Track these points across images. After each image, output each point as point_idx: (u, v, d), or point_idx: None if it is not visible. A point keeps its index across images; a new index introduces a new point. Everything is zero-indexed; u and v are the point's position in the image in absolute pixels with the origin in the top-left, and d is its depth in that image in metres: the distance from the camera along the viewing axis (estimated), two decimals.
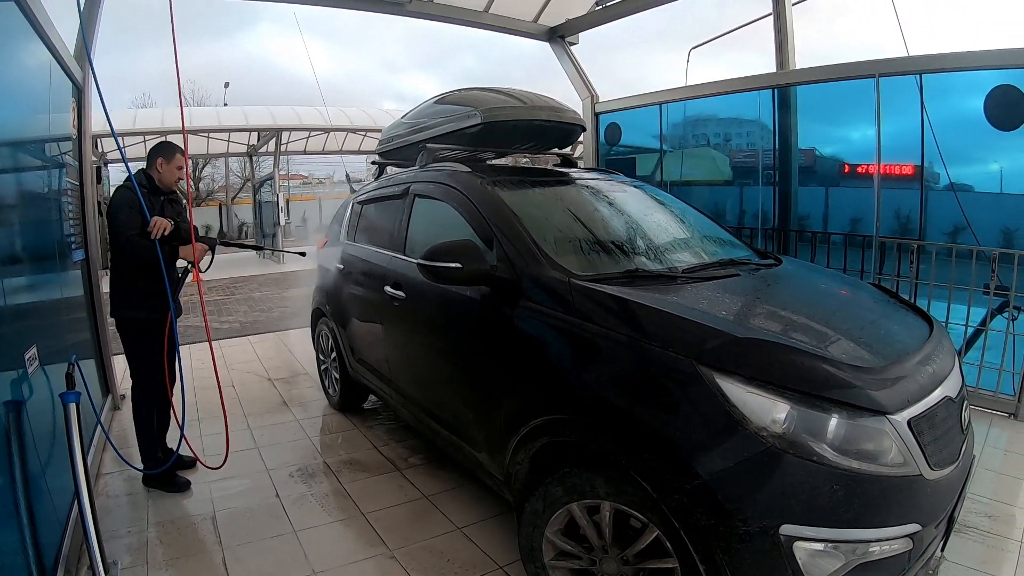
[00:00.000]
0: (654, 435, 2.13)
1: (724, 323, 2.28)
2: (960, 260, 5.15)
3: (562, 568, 2.47)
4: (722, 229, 3.83)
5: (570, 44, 7.99)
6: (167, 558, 2.98)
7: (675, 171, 7.61)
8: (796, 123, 6.40)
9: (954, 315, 5.24)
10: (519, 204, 3.08)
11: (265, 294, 11.73)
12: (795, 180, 6.53)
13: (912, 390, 2.15)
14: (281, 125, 17.30)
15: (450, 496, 3.62)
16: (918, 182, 5.44)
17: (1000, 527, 3.34)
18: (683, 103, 7.28)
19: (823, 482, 1.93)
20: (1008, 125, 4.83)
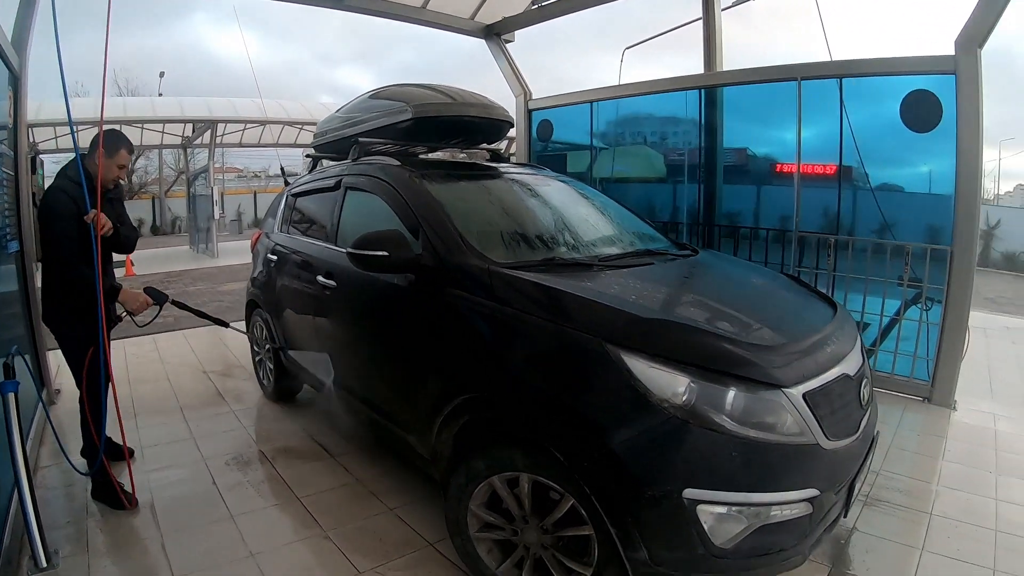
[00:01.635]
0: (566, 409, 2.31)
1: (631, 306, 2.47)
2: (880, 255, 5.48)
3: (486, 539, 2.64)
4: (643, 222, 4.07)
5: (506, 42, 8.16)
6: (107, 546, 3.04)
7: (609, 168, 7.83)
8: (723, 123, 6.67)
9: (874, 306, 5.56)
10: (445, 196, 3.25)
11: (200, 288, 11.61)
12: (720, 178, 6.79)
13: (809, 367, 2.37)
14: (217, 117, 16.99)
15: (383, 480, 3.74)
16: (836, 181, 5.74)
17: (912, 501, 3.62)
18: (615, 101, 7.51)
19: (722, 450, 2.14)
20: (923, 128, 5.16)
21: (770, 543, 2.22)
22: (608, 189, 7.19)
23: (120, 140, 3.41)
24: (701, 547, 2.13)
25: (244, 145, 22.73)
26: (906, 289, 5.38)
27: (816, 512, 2.26)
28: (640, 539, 2.16)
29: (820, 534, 2.41)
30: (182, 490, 3.60)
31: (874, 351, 5.59)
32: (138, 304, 3.44)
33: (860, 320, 5.55)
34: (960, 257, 4.99)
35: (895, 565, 3.03)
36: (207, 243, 17.89)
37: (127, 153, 3.44)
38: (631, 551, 2.18)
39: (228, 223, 26.41)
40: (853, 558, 3.07)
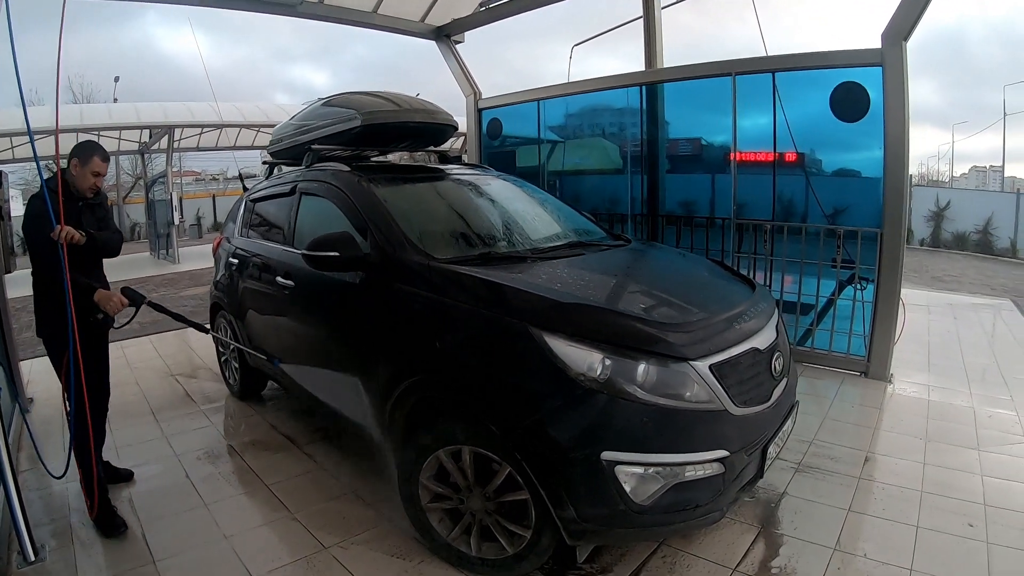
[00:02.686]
0: (499, 386, 2.58)
1: (553, 292, 2.74)
2: (814, 238, 5.78)
3: (437, 509, 2.88)
4: (580, 216, 4.34)
5: (456, 43, 8.35)
6: (91, 538, 3.20)
7: (558, 162, 8.05)
8: (664, 117, 6.94)
9: (812, 287, 5.86)
10: (390, 198, 3.48)
11: (162, 294, 11.60)
12: (662, 169, 7.05)
13: (716, 341, 2.65)
14: (174, 122, 16.83)
15: (344, 465, 3.96)
16: (772, 169, 6.02)
17: (842, 467, 3.89)
18: (562, 99, 7.73)
19: (635, 416, 2.41)
20: (851, 117, 5.45)
21: (686, 500, 2.49)
22: (557, 183, 7.44)
23: (93, 148, 3.43)
24: (622, 504, 2.39)
25: (202, 149, 22.54)
26: (839, 270, 5.68)
27: (728, 472, 2.53)
28: (568, 499, 2.43)
29: (735, 492, 2.70)
30: (157, 483, 3.78)
31: (812, 330, 5.88)
32: (113, 305, 3.36)
33: (798, 301, 5.85)
34: (889, 238, 5.28)
35: (822, 524, 3.26)
36: (167, 249, 17.77)
37: (101, 160, 3.43)
38: (561, 510, 2.45)
39: (187, 228, 26.21)
40: (782, 519, 3.33)
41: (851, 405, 5.00)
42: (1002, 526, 3.24)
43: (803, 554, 3.02)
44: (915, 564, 2.93)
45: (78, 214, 3.36)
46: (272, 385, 5.10)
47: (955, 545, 3.09)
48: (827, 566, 2.92)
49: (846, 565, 2.93)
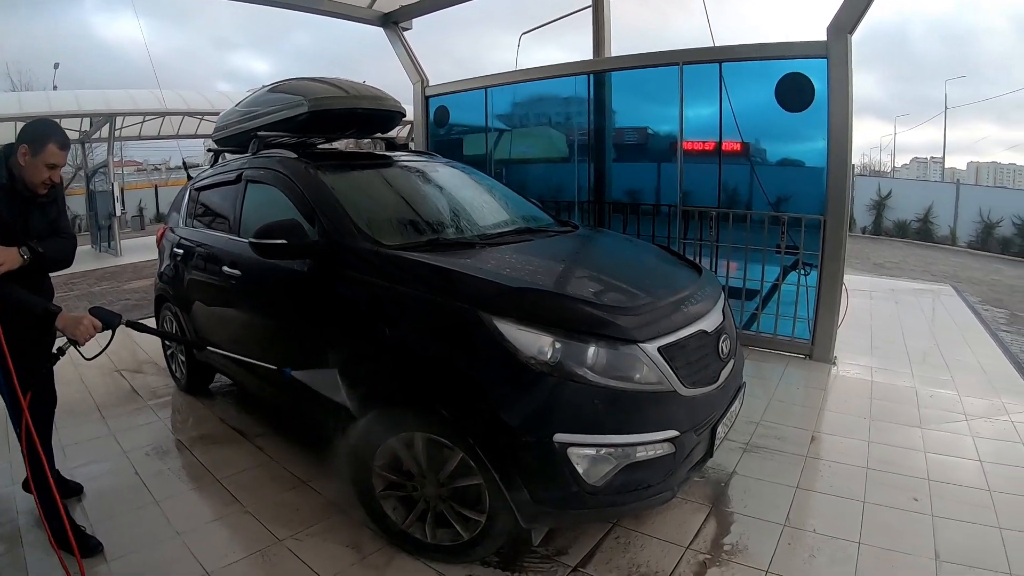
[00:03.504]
0: (449, 371, 2.59)
1: (502, 277, 2.76)
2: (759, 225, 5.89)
3: (391, 497, 2.86)
4: (528, 203, 4.36)
5: (403, 29, 8.30)
6: (39, 540, 3.07)
7: (506, 150, 8.06)
8: (611, 105, 7.00)
9: (758, 273, 5.99)
10: (338, 185, 3.45)
11: (104, 288, 11.32)
12: (609, 157, 7.12)
13: (664, 324, 2.69)
14: (115, 110, 16.35)
15: (296, 456, 3.91)
16: (716, 157, 6.13)
17: (789, 446, 3.99)
18: (510, 87, 7.73)
19: (586, 398, 2.43)
20: (796, 108, 5.57)
21: (638, 480, 2.52)
22: (504, 171, 7.45)
23: (49, 132, 2.78)
24: (575, 485, 2.41)
25: (144, 138, 21.96)
26: (784, 256, 5.81)
27: (679, 452, 2.58)
28: (521, 482, 2.44)
29: (686, 472, 2.74)
30: (107, 482, 3.67)
31: (757, 315, 6.01)
32: (83, 330, 2.72)
33: (743, 287, 5.97)
34: (832, 226, 5.42)
35: (771, 501, 3.34)
36: (109, 241, 17.24)
37: (58, 148, 2.78)
38: (514, 493, 2.45)
39: (129, 219, 25.49)
40: (732, 498, 3.40)
41: (796, 387, 5.13)
42: (946, 500, 3.35)
43: (754, 531, 3.09)
44: (863, 538, 3.02)
45: (24, 214, 2.79)
46: (220, 378, 5.01)
47: (901, 519, 3.19)
48: (778, 542, 2.99)
49: (796, 541, 3.01)
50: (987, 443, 4.08)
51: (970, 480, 3.59)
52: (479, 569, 2.79)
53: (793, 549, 2.95)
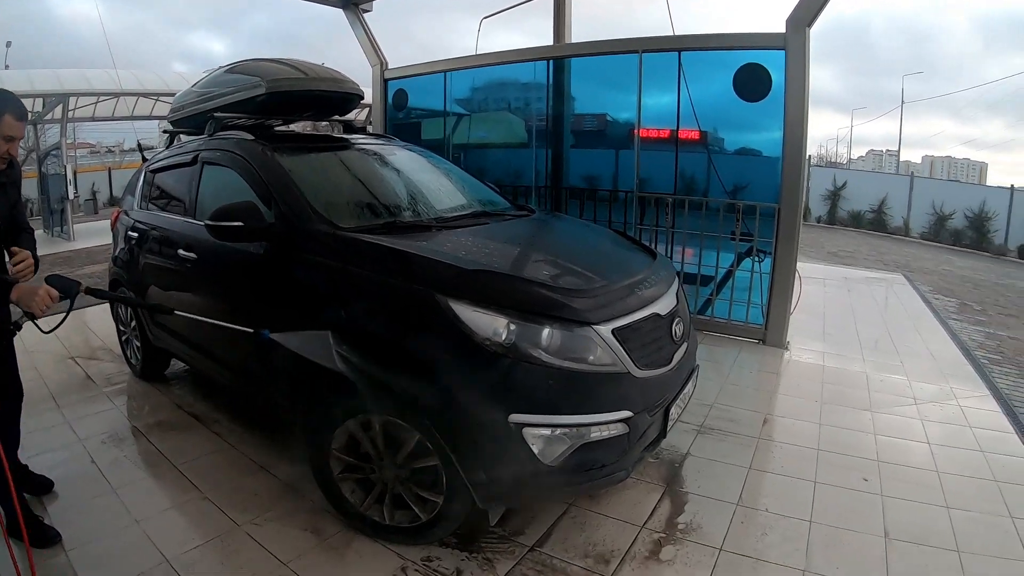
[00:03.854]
0: (405, 353, 2.59)
1: (458, 260, 2.78)
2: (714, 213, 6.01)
3: (349, 480, 2.88)
4: (485, 187, 4.39)
5: (364, 11, 8.26)
6: None
7: (468, 134, 8.07)
8: (570, 91, 7.03)
9: (713, 260, 6.10)
10: (295, 167, 3.43)
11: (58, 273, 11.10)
12: (567, 143, 7.16)
13: (618, 307, 2.73)
14: (69, 90, 15.94)
15: (253, 441, 3.90)
16: (673, 145, 6.21)
17: (743, 428, 4.10)
18: (469, 71, 7.73)
19: (541, 379, 2.47)
20: (753, 97, 5.66)
21: (593, 459, 2.57)
22: (462, 155, 7.46)
23: (4, 103, 2.53)
24: (531, 465, 2.45)
25: (98, 119, 21.39)
26: (738, 243, 5.92)
27: (632, 432, 2.63)
28: (477, 462, 2.48)
29: (640, 452, 2.81)
30: (63, 471, 3.59)
31: (712, 300, 6.13)
32: (39, 301, 2.51)
33: (698, 272, 6.08)
34: (786, 214, 5.54)
35: (724, 482, 3.44)
36: (62, 225, 16.89)
37: (14, 119, 2.58)
38: (471, 474, 2.49)
39: (82, 203, 24.87)
40: (686, 478, 3.49)
41: (750, 371, 5.24)
42: (894, 480, 3.47)
43: (707, 510, 3.17)
44: (814, 516, 3.12)
45: None
46: (176, 364, 4.96)
47: (851, 498, 3.31)
48: (731, 521, 3.08)
49: (749, 519, 3.10)
50: (935, 426, 4.22)
51: (919, 462, 3.71)
52: (437, 550, 2.82)
53: (746, 527, 3.04)
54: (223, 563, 2.76)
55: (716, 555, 2.83)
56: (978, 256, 17.48)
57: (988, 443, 3.98)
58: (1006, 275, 13.56)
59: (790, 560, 2.80)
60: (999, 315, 8.74)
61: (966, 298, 9.82)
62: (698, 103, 5.99)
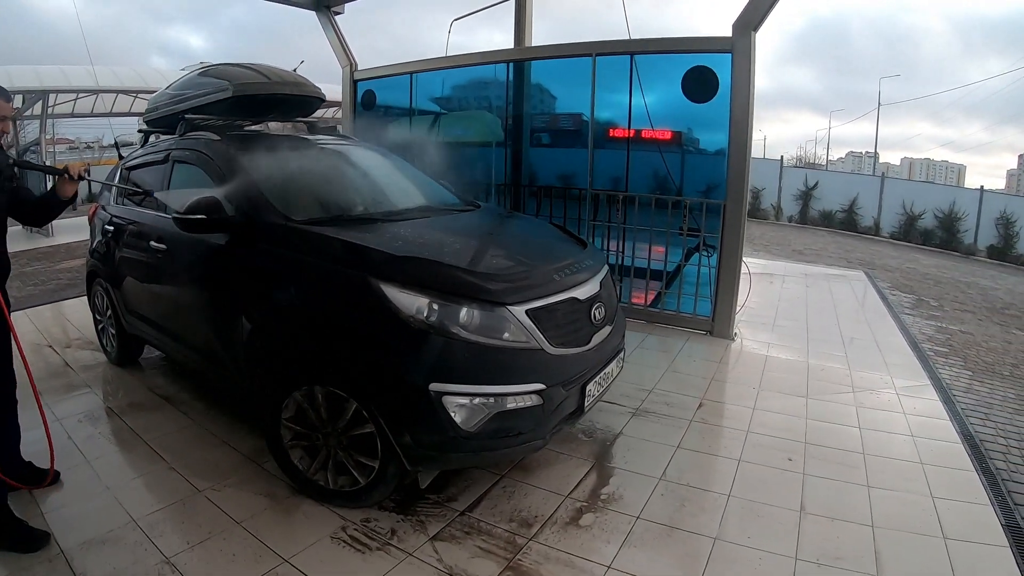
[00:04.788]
0: (343, 330, 2.94)
1: (390, 247, 3.10)
2: (664, 209, 6.28)
3: (297, 447, 3.19)
4: (437, 184, 4.71)
5: (335, 14, 8.52)
6: None
7: (431, 133, 8.32)
8: (529, 93, 7.34)
9: (663, 255, 6.35)
10: (255, 165, 3.73)
11: (37, 268, 11.19)
12: (527, 142, 7.45)
13: (534, 291, 3.06)
14: (48, 86, 16.02)
15: (217, 419, 4.18)
16: (626, 144, 6.50)
17: (677, 411, 4.36)
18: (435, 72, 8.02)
19: (459, 352, 2.80)
20: (701, 99, 5.96)
21: (509, 427, 2.90)
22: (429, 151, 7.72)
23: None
24: (451, 431, 2.77)
25: (77, 115, 21.41)
26: (686, 238, 6.21)
27: (547, 403, 2.95)
28: (404, 427, 2.80)
29: (557, 423, 3.12)
30: (40, 447, 3.82)
31: (662, 294, 6.43)
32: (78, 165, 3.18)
33: (648, 266, 6.38)
34: (732, 210, 5.83)
35: (651, 459, 3.71)
36: None
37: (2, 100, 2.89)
38: (399, 438, 2.81)
39: None
40: (615, 455, 3.76)
41: (693, 359, 5.50)
42: (819, 460, 3.72)
43: (630, 483, 3.44)
44: (733, 491, 3.38)
45: None
46: (149, 351, 5.20)
47: (773, 476, 3.55)
48: (651, 493, 3.35)
49: (669, 492, 3.36)
50: (868, 412, 4.45)
51: (846, 444, 3.94)
52: (376, 512, 3.11)
53: (665, 499, 3.30)
54: (184, 523, 3.04)
55: (632, 523, 3.09)
56: (946, 255, 17.77)
57: (920, 429, 4.20)
58: (970, 273, 13.79)
59: (703, 529, 3.05)
60: (955, 311, 8.95)
61: (924, 294, 10.03)
62: (651, 104, 6.28)
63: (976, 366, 6.01)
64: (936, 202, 19.91)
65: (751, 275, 7.01)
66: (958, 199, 19.83)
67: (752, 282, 7.25)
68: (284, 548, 2.84)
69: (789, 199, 23.13)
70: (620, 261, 6.62)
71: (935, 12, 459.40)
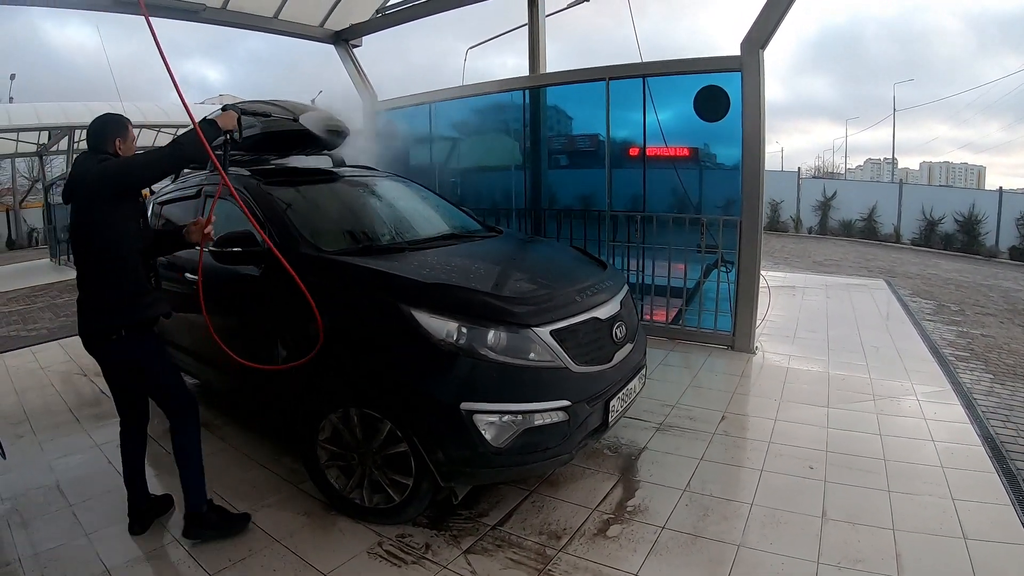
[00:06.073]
0: (376, 354, 3.08)
1: (419, 275, 3.26)
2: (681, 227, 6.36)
3: (333, 467, 3.33)
4: (459, 211, 4.88)
5: (354, 47, 8.74)
6: (24, 520, 3.46)
7: (454, 159, 8.50)
8: (545, 118, 7.49)
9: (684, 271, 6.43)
10: (286, 199, 3.89)
11: (67, 300, 11.45)
12: (544, 165, 7.59)
13: (558, 312, 3.21)
14: (74, 122, 16.49)
15: (254, 443, 4.35)
16: (641, 163, 6.62)
17: (700, 425, 4.43)
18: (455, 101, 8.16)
19: (488, 372, 2.95)
20: (712, 117, 6.08)
21: (537, 443, 3.03)
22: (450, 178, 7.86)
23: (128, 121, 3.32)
24: (482, 447, 2.91)
25: None
26: (704, 255, 6.31)
27: (572, 419, 3.08)
28: (436, 444, 2.94)
29: (582, 438, 3.24)
30: (83, 471, 4.05)
31: (682, 311, 6.51)
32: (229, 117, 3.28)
33: (668, 284, 6.46)
34: (747, 225, 5.91)
35: (675, 471, 3.79)
36: (69, 254, 17.27)
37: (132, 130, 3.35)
38: (432, 455, 2.95)
39: None
40: (640, 469, 3.86)
41: (715, 374, 5.56)
42: (840, 467, 3.77)
43: (656, 495, 3.53)
44: (756, 500, 3.45)
45: None
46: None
47: (794, 484, 3.61)
48: (676, 503, 3.44)
49: (693, 502, 3.45)
50: (889, 419, 4.47)
51: (866, 451, 3.97)
52: (410, 528, 3.23)
53: (689, 509, 3.38)
54: (225, 541, 3.17)
55: (658, 532, 3.18)
56: (968, 259, 17.46)
57: (940, 433, 4.23)
58: (992, 276, 13.55)
59: (727, 536, 3.13)
60: (976, 314, 8.84)
61: (945, 300, 9.91)
62: (666, 123, 6.40)
63: (997, 369, 5.99)
64: (956, 206, 19.67)
65: (770, 288, 7.06)
66: (978, 201, 19.54)
67: (772, 295, 7.31)
68: (323, 563, 2.96)
69: (808, 210, 23.03)
70: (640, 280, 6.70)
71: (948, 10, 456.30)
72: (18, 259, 21.71)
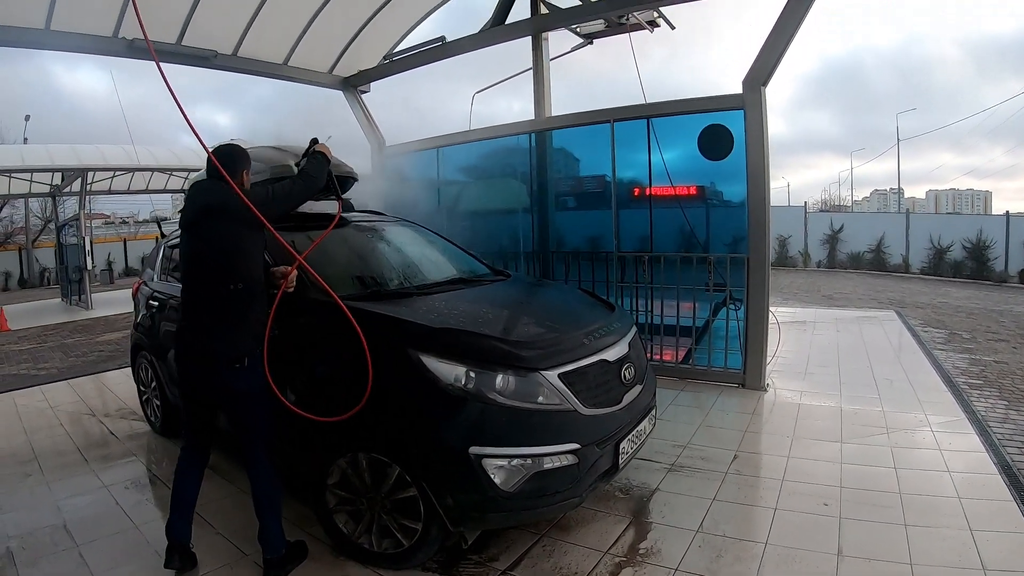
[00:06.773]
0: (385, 399, 3.04)
1: (426, 319, 3.28)
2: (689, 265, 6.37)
3: (343, 512, 3.30)
4: (467, 255, 4.90)
5: (362, 92, 8.85)
6: (30, 559, 3.45)
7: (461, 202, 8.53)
8: (551, 161, 7.52)
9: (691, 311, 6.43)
10: (298, 243, 3.86)
11: (77, 340, 11.51)
12: (551, 208, 7.60)
13: (565, 355, 3.21)
14: (87, 164, 16.70)
15: None
16: (648, 204, 6.66)
17: (712, 464, 4.38)
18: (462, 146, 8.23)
19: (496, 416, 2.95)
20: (717, 156, 6.11)
21: (546, 486, 3.00)
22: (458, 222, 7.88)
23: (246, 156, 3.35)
24: (491, 491, 2.89)
25: (114, 192, 22.29)
26: (712, 293, 6.29)
27: (582, 462, 3.06)
28: (445, 489, 2.92)
29: (593, 481, 3.21)
30: (90, 511, 4.03)
31: (692, 350, 6.47)
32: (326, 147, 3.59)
33: (677, 323, 6.45)
34: (755, 263, 5.90)
35: (688, 512, 3.74)
36: (80, 295, 17.42)
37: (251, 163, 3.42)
38: (441, 500, 2.93)
39: (99, 273, 25.44)
40: (652, 510, 3.81)
41: (727, 413, 5.51)
42: (855, 503, 3.72)
43: (668, 537, 3.48)
44: (770, 539, 3.40)
45: None
46: None
47: (809, 521, 3.56)
48: (689, 545, 3.39)
49: (706, 543, 3.40)
50: (903, 452, 4.42)
51: (882, 485, 3.92)
52: (421, 573, 3.20)
53: (703, 550, 3.33)
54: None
55: (671, 575, 3.13)
56: (978, 285, 17.42)
57: (956, 463, 4.19)
58: (1003, 301, 13.46)
59: None
60: (988, 341, 8.79)
61: (956, 328, 9.85)
62: (672, 162, 6.43)
63: (1012, 395, 5.93)
64: (963, 232, 19.71)
65: (780, 325, 7.02)
66: (985, 227, 19.60)
67: (782, 331, 7.26)
68: None
69: (816, 244, 23.08)
70: (649, 320, 6.69)
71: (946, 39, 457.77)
72: (30, 298, 21.92)
